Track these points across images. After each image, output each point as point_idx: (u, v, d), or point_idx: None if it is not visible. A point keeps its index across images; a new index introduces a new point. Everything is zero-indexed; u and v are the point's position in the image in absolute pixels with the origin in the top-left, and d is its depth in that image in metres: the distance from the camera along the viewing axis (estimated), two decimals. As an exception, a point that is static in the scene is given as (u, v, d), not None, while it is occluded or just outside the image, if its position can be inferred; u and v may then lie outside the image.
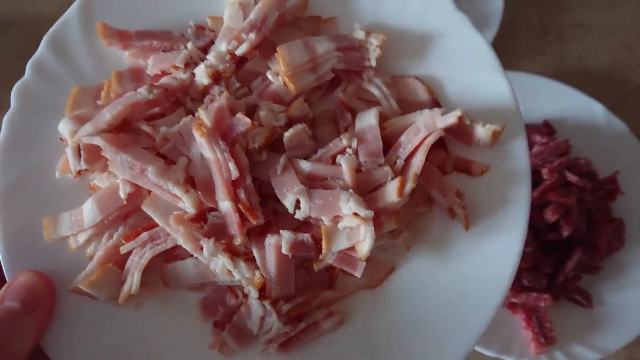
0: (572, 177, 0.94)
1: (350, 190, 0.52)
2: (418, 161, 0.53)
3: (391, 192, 0.52)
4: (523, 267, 0.93)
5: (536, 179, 0.96)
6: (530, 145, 1.01)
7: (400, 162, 0.54)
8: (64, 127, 0.57)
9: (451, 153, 0.57)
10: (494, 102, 0.57)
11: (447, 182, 0.56)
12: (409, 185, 0.52)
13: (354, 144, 0.55)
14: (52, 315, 0.54)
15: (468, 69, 0.58)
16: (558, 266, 0.97)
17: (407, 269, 0.55)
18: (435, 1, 0.59)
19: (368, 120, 0.55)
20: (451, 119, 0.53)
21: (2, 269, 0.55)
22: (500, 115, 0.56)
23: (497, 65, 0.57)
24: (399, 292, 0.55)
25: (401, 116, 0.56)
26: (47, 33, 0.61)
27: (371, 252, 0.51)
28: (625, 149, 1.09)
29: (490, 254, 0.54)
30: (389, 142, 0.55)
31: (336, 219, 0.52)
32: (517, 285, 0.94)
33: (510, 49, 1.25)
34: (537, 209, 0.94)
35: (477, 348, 0.92)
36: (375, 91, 0.57)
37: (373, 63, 0.57)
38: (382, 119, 0.55)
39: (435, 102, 0.57)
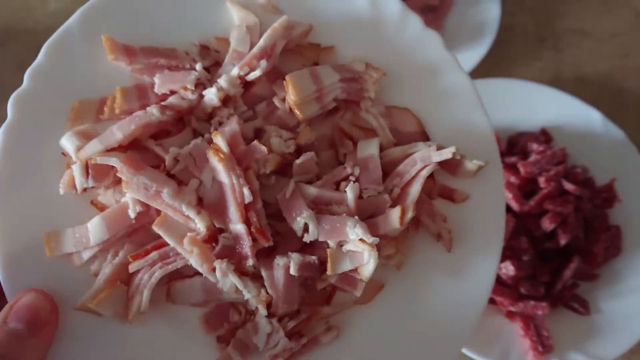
0: (569, 186, 0.94)
1: (356, 217, 0.55)
2: (415, 191, 0.58)
3: (394, 220, 0.56)
4: (521, 275, 0.93)
5: (533, 187, 0.97)
6: (527, 153, 1.01)
7: (397, 191, 0.59)
8: (68, 143, 0.57)
9: (437, 181, 0.62)
10: (475, 138, 0.62)
11: (435, 208, 0.61)
12: (409, 214, 0.56)
13: (357, 171, 0.58)
14: (55, 335, 0.54)
15: (453, 105, 0.63)
16: (555, 274, 0.98)
17: (395, 286, 0.60)
18: (428, 40, 0.63)
19: (370, 150, 0.59)
20: (446, 154, 0.58)
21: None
22: (480, 149, 0.62)
23: (479, 103, 0.63)
24: (388, 307, 0.60)
25: (398, 147, 0.61)
26: (48, 41, 0.60)
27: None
28: (622, 157, 1.10)
29: (470, 272, 0.60)
30: (386, 171, 0.60)
31: (341, 242, 0.55)
32: (515, 294, 0.94)
33: (507, 56, 1.26)
34: (534, 217, 0.94)
35: (475, 356, 0.93)
36: (372, 121, 0.62)
37: (372, 95, 0.61)
38: (380, 148, 0.60)
39: (424, 135, 0.62)
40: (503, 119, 1.12)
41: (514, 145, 1.08)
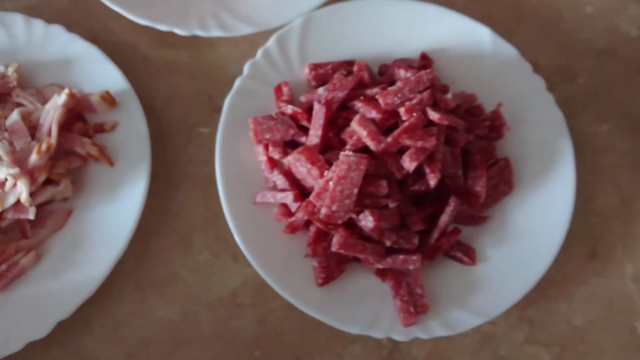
0: (433, 115, 0.79)
1: (5, 162, 0.76)
2: (53, 130, 0.81)
3: (34, 153, 0.78)
4: (385, 226, 0.79)
5: (396, 120, 0.81)
6: (392, 83, 0.85)
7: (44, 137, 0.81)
8: None
9: (89, 122, 0.88)
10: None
11: (85, 141, 0.84)
12: (44, 146, 0.78)
13: (7, 135, 0.80)
14: None
15: None
16: (433, 222, 0.83)
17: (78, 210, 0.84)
18: None
19: (13, 117, 0.82)
20: (62, 96, 0.82)
21: None
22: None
23: None
24: (77, 229, 0.83)
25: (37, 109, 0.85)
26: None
27: (50, 203, 0.83)
28: (516, 77, 0.94)
29: (122, 192, 0.86)
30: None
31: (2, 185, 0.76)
32: (381, 249, 0.80)
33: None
34: (395, 156, 0.79)
35: (338, 326, 0.79)
36: (22, 100, 0.87)
37: (15, 84, 0.87)
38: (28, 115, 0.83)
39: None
40: (378, 45, 0.96)
41: (382, 75, 0.91)
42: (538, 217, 0.86)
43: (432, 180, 0.79)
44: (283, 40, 0.92)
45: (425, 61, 0.93)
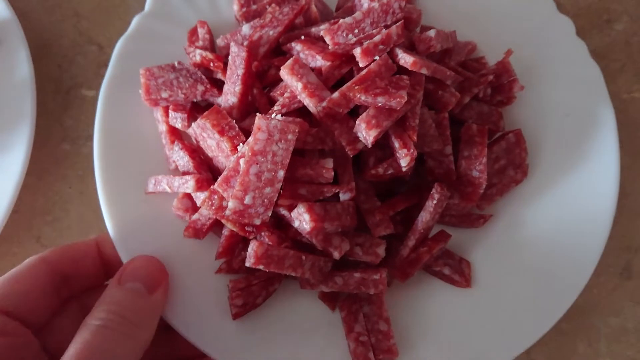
0: (405, 58, 0.51)
1: None
2: None
3: None
4: (330, 228, 0.51)
5: (350, 68, 0.54)
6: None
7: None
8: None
9: None
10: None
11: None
12: None
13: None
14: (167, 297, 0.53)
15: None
16: (408, 222, 0.56)
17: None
18: None
19: None
20: None
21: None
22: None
23: None
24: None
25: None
26: None
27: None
28: (534, 18, 0.66)
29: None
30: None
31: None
32: (326, 262, 0.53)
33: None
34: (345, 121, 0.51)
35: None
36: None
37: None
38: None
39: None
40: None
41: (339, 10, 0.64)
42: (563, 219, 0.58)
43: (404, 160, 0.51)
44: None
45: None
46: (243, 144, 0.51)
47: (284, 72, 0.52)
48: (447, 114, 0.56)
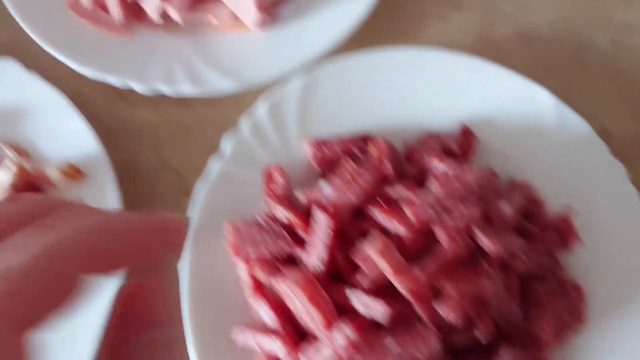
0: (487, 245, 0.55)
1: None
2: None
3: None
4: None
5: (428, 241, 0.57)
6: (423, 177, 0.61)
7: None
8: None
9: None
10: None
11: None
12: None
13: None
14: None
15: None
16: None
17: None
18: None
19: None
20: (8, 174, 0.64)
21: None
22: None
23: None
24: None
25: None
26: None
27: None
28: (586, 162, 0.70)
29: None
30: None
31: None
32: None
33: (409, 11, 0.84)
34: (424, 297, 0.55)
35: None
36: None
37: None
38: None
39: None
40: (401, 111, 0.72)
41: (409, 159, 0.67)
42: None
43: (481, 335, 0.56)
44: (278, 109, 0.68)
45: (466, 137, 0.69)
46: (338, 322, 0.55)
47: (370, 249, 0.56)
48: (517, 279, 0.60)
